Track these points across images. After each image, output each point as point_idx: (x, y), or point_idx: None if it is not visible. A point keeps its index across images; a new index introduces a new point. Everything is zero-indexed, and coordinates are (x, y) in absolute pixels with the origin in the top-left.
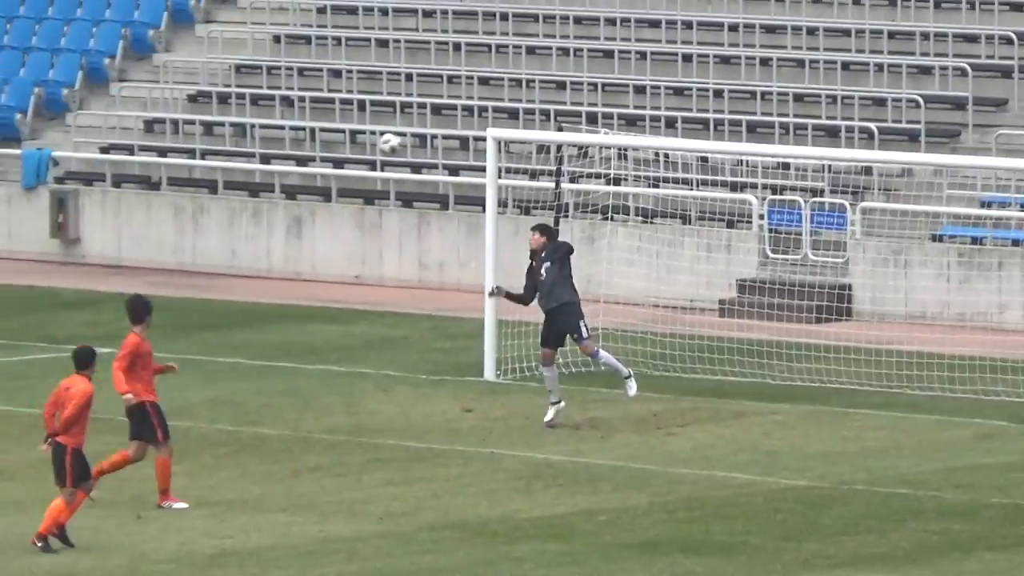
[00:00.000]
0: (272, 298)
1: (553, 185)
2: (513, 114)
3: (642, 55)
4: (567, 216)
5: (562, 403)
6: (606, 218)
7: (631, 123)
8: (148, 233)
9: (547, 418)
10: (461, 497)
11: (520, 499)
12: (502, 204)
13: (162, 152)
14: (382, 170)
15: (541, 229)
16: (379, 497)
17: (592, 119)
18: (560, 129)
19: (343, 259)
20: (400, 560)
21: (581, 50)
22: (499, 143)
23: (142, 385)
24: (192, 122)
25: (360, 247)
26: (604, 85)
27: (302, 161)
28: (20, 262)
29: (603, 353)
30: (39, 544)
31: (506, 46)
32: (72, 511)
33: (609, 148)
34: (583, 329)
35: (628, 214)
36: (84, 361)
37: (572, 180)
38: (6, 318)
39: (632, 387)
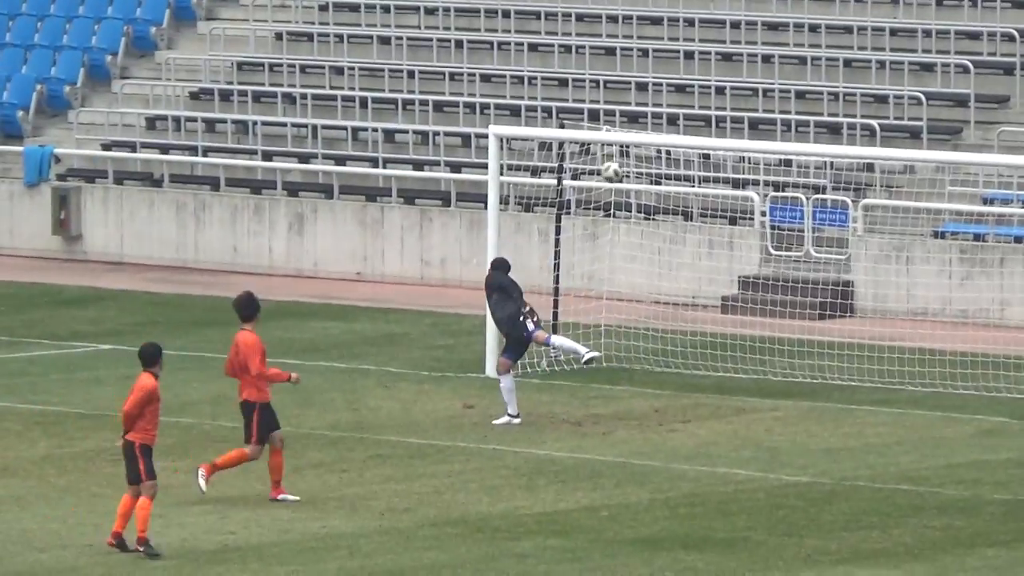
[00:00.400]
0: (274, 295)
1: (555, 182)
2: (515, 111)
3: (644, 52)
4: (569, 213)
5: (519, 419)
6: (608, 215)
7: (633, 120)
8: (150, 230)
9: (496, 421)
10: (463, 493)
11: (522, 495)
12: (504, 201)
13: (164, 149)
14: (384, 167)
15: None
16: (381, 493)
17: (594, 116)
18: (562, 126)
19: (345, 256)
20: (402, 556)
21: (583, 47)
22: (501, 140)
23: (261, 383)
24: (194, 119)
25: (362, 244)
26: (606, 82)
27: (304, 158)
28: (22, 259)
29: (555, 338)
30: (142, 549)
31: (508, 43)
32: (144, 519)
33: (611, 145)
34: (529, 326)
35: (630, 211)
36: (149, 358)
37: (574, 177)
38: (8, 315)
39: (593, 354)
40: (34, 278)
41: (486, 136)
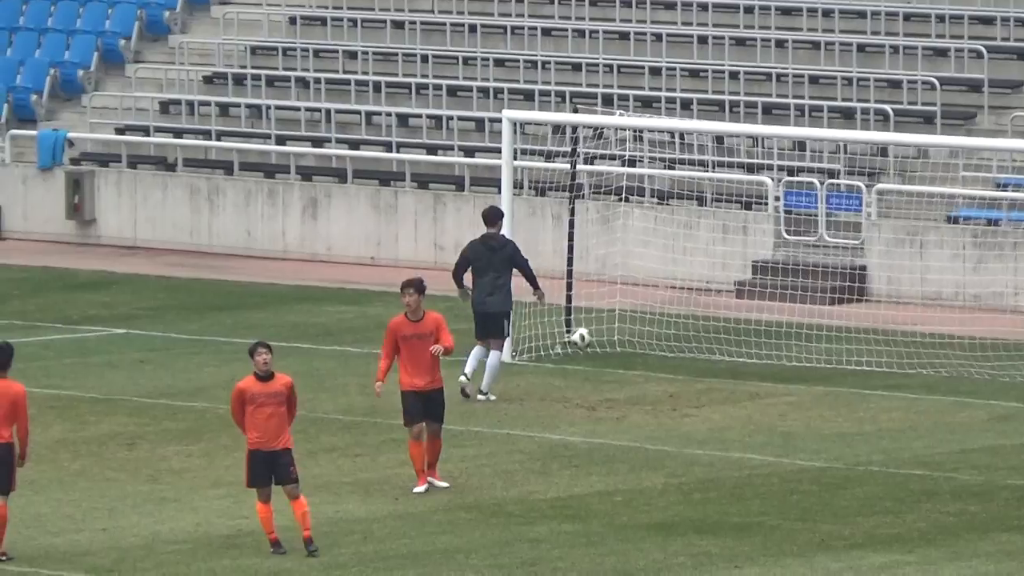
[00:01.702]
0: (288, 279)
1: (569, 166)
2: (528, 96)
3: (657, 37)
4: (582, 197)
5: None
6: (622, 199)
7: (647, 105)
8: (164, 214)
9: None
10: (477, 478)
11: (536, 480)
12: (518, 185)
13: (178, 133)
14: (398, 151)
15: None
16: (395, 478)
17: (608, 101)
18: (575, 111)
19: (359, 240)
20: (416, 541)
21: (596, 32)
22: (515, 124)
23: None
24: (208, 103)
25: (376, 228)
26: (619, 67)
27: (318, 142)
28: (36, 243)
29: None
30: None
31: (521, 28)
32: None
33: (625, 130)
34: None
35: (644, 195)
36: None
37: (587, 161)
38: (22, 299)
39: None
40: (48, 262)
41: (500, 121)
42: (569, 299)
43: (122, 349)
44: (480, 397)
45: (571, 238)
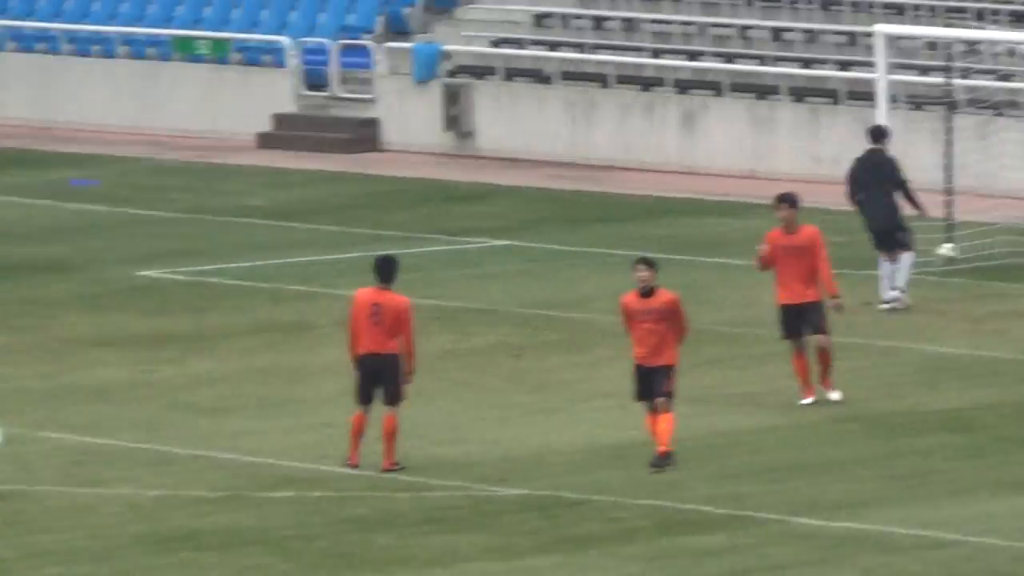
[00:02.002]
0: (667, 191)
1: (943, 81)
2: (900, 9)
3: None
4: (958, 111)
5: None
6: (998, 114)
7: (1018, 19)
8: (541, 127)
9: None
10: (862, 389)
11: (921, 392)
12: (893, 100)
13: (552, 46)
14: (774, 64)
15: None
16: (782, 390)
17: (979, 15)
18: (948, 25)
19: (736, 153)
20: (806, 452)
21: None
22: (887, 39)
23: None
24: (581, 16)
25: (753, 141)
26: None
27: (693, 56)
28: (414, 155)
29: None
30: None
31: None
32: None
33: (998, 44)
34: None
35: (1019, 110)
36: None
37: (962, 76)
38: (403, 210)
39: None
40: (426, 174)
41: (871, 35)
42: (949, 214)
43: (504, 261)
44: (892, 293)
45: (948, 155)
